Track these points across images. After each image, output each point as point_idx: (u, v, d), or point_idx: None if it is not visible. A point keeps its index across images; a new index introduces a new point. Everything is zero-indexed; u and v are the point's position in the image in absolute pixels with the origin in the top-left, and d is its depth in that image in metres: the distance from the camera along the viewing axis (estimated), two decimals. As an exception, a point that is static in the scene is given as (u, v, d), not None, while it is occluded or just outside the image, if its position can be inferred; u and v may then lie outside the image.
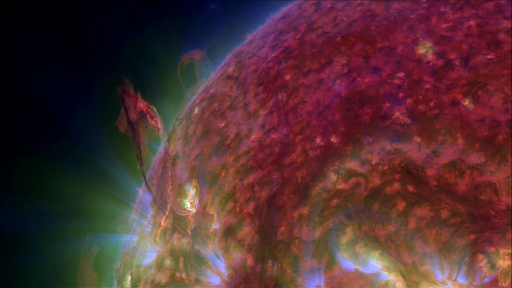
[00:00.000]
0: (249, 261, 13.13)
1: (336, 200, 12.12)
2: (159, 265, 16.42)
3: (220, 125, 18.31)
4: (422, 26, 15.07)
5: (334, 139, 13.61)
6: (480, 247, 9.63)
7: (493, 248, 9.50)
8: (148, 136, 21.07)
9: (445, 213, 10.38)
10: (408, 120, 12.55)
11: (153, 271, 16.52)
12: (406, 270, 10.26)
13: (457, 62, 13.24)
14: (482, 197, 10.37)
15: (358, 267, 10.89)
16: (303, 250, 11.95)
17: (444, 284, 9.84)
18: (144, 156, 20.75)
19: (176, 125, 22.42)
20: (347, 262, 11.10)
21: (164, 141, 22.27)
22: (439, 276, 9.92)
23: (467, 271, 9.64)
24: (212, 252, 14.50)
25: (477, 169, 10.77)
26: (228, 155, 16.43)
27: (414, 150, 11.83)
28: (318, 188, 12.72)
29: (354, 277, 10.85)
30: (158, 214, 18.71)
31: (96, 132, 24.01)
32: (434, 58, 13.77)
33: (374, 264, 10.73)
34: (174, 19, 29.39)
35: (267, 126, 16.08)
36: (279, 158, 14.55)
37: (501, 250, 9.43)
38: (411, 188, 11.18)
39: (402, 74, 13.87)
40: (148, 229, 19.03)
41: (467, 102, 12.07)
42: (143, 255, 17.95)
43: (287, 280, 11.89)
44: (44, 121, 24.13)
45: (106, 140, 23.79)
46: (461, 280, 9.70)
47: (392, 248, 10.61)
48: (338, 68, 15.78)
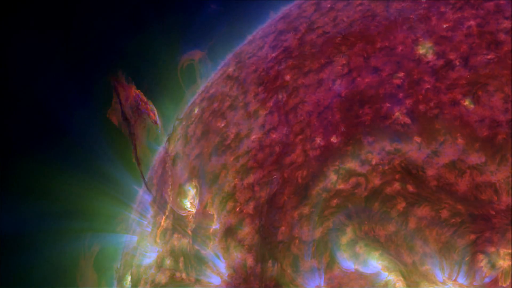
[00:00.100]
0: (249, 261, 13.13)
1: (336, 200, 12.11)
2: (159, 265, 16.41)
3: (220, 125, 18.31)
4: (422, 26, 15.07)
5: (334, 139, 13.60)
6: (480, 247, 9.63)
7: (493, 248, 9.50)
8: (144, 131, 20.84)
9: (445, 213, 10.38)
10: (408, 120, 12.55)
11: (153, 271, 16.51)
12: (406, 270, 10.26)
13: (457, 62, 13.24)
14: (482, 197, 10.37)
15: (358, 267, 10.88)
16: (303, 250, 11.94)
17: (444, 284, 9.83)
18: (140, 154, 20.48)
19: (176, 125, 22.43)
20: (347, 262, 11.10)
21: (164, 141, 22.27)
22: (439, 276, 9.92)
23: (467, 271, 9.63)
24: (212, 252, 14.49)
25: (477, 169, 10.77)
26: (228, 155, 16.43)
27: (414, 150, 11.83)
28: (318, 188, 12.72)
29: (354, 277, 10.84)
30: (158, 214, 18.70)
31: (96, 132, 24.00)
32: (434, 58, 13.77)
33: (374, 264, 10.73)
34: (174, 19, 29.42)
35: (267, 126, 16.07)
36: (279, 158, 14.54)
37: (501, 250, 9.43)
38: (411, 188, 11.18)
39: (402, 74, 13.87)
40: (148, 229, 19.02)
41: (467, 102, 12.07)
42: (143, 255, 17.94)
43: (287, 280, 11.88)
44: (44, 121, 24.12)
45: (106, 140, 23.80)
46: (461, 280, 9.70)
47: (392, 248, 10.61)
48: (338, 68, 15.78)
